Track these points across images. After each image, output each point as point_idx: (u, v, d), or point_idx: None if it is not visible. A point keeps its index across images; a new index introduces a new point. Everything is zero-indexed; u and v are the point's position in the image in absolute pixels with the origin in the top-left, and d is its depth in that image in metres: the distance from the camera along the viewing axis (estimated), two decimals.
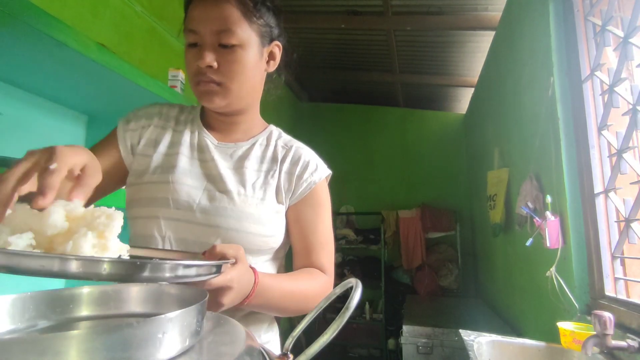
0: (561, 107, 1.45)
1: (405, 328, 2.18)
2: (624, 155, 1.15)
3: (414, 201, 4.03)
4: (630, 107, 1.13)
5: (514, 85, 2.11)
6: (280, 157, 0.79)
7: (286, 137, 0.85)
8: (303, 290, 0.69)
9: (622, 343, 0.94)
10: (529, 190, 1.68)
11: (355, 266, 3.99)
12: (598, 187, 1.29)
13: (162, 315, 0.31)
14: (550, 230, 1.40)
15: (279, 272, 0.80)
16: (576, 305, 1.30)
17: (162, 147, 0.76)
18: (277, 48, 0.78)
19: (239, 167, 0.75)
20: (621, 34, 1.19)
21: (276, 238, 0.74)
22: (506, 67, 2.29)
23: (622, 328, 1.06)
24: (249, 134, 0.81)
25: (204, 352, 0.35)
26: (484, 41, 2.82)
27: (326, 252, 0.78)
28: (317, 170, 0.79)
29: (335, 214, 4.20)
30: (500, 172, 2.29)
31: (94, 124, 1.44)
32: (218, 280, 0.49)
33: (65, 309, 0.45)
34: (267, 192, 0.74)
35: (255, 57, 0.72)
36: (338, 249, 4.07)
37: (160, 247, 0.69)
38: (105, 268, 0.33)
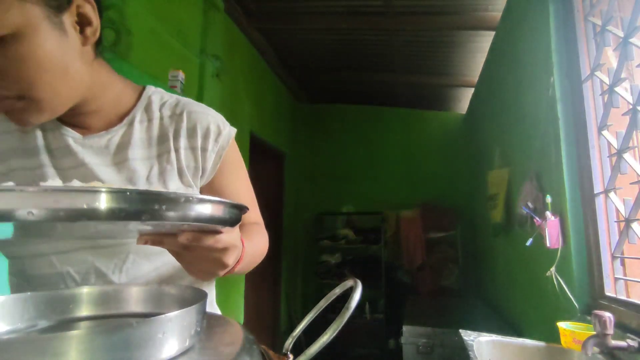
0: (561, 107, 1.45)
1: (405, 328, 2.17)
2: (624, 155, 1.15)
3: (414, 201, 4.03)
4: (630, 107, 1.13)
5: (514, 85, 2.11)
6: (171, 133, 0.63)
7: (171, 100, 0.66)
8: (261, 245, 0.67)
9: (622, 343, 0.94)
10: (529, 190, 1.68)
11: (356, 266, 3.99)
12: (598, 187, 1.29)
13: (162, 315, 0.31)
14: (550, 230, 1.40)
15: None
16: (576, 305, 1.30)
17: (15, 160, 0.57)
18: (87, 5, 0.52)
19: (122, 161, 0.59)
20: (621, 34, 1.19)
21: None
22: (506, 67, 2.29)
23: (622, 328, 1.06)
24: (119, 112, 0.62)
25: (204, 352, 0.35)
26: (484, 41, 2.82)
27: (254, 208, 0.74)
28: (221, 134, 0.66)
29: (336, 213, 4.21)
30: (500, 172, 2.29)
31: None
32: (227, 237, 0.42)
33: (65, 309, 0.45)
34: (168, 181, 0.61)
35: (51, 38, 0.48)
36: (338, 249, 4.07)
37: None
38: (130, 196, 0.28)
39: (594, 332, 0.96)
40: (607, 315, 0.94)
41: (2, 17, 0.43)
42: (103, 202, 0.28)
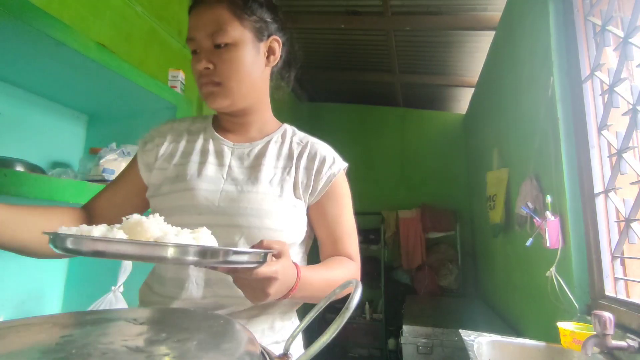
0: (561, 107, 1.45)
1: (405, 328, 2.17)
2: (624, 155, 1.15)
3: (413, 201, 4.03)
4: (630, 107, 1.13)
5: (514, 85, 2.11)
6: (296, 154, 0.80)
7: (301, 134, 0.85)
8: (339, 278, 0.70)
9: (622, 343, 0.94)
10: (529, 191, 1.68)
11: None
12: (598, 187, 1.29)
13: None
14: (550, 230, 1.40)
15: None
16: (576, 305, 1.30)
17: (176, 158, 0.79)
18: (275, 43, 0.79)
19: (255, 166, 0.77)
20: (621, 34, 1.19)
21: (293, 233, 0.75)
22: (506, 67, 2.29)
23: (622, 328, 1.06)
24: (263, 133, 0.83)
25: (205, 352, 0.35)
26: (483, 41, 2.82)
27: (352, 241, 0.80)
28: (334, 164, 0.80)
29: None
30: (499, 172, 2.29)
31: (94, 124, 1.44)
32: (264, 270, 0.52)
33: None
34: (285, 188, 0.75)
35: (251, 53, 0.73)
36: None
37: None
38: (171, 252, 0.41)
39: (594, 332, 0.96)
40: (607, 315, 0.94)
41: (232, 32, 0.71)
42: (168, 252, 0.41)
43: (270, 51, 0.78)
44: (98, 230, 0.43)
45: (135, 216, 0.46)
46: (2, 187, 0.81)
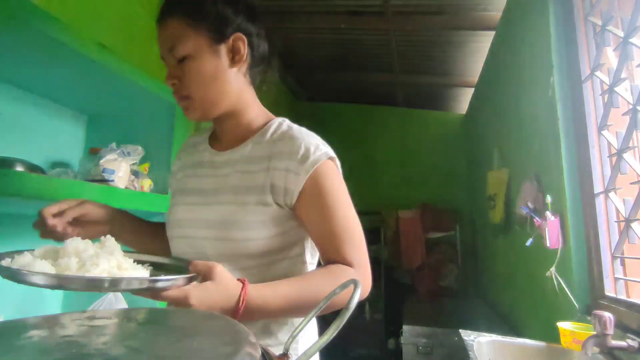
0: (561, 107, 1.44)
1: (405, 328, 2.17)
2: (624, 155, 1.15)
3: (413, 201, 4.03)
4: (630, 107, 1.13)
5: (514, 85, 2.11)
6: (268, 153, 0.71)
7: (284, 128, 0.75)
8: (317, 294, 0.60)
9: (622, 343, 0.94)
10: (529, 190, 1.68)
11: None
12: (598, 187, 1.29)
13: None
14: (550, 230, 1.40)
15: (295, 271, 0.74)
16: (576, 305, 1.30)
17: (179, 173, 0.85)
18: (239, 41, 0.72)
19: (226, 174, 0.75)
20: (621, 34, 1.19)
21: (268, 240, 0.69)
22: (506, 67, 2.29)
23: (622, 328, 1.06)
24: (246, 136, 0.77)
25: (205, 352, 0.35)
26: (484, 41, 2.82)
27: (348, 242, 0.68)
28: (309, 157, 0.69)
29: None
30: (500, 172, 2.29)
31: (93, 124, 1.44)
32: (170, 294, 0.53)
33: None
34: (250, 195, 0.69)
35: (211, 60, 0.70)
36: None
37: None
38: (72, 283, 0.48)
39: (594, 332, 0.96)
40: (607, 315, 0.94)
41: (186, 44, 0.68)
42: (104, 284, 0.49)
43: (234, 51, 0.72)
44: (23, 259, 0.54)
45: (48, 246, 0.57)
46: (2, 187, 0.81)
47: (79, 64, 1.04)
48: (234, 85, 0.74)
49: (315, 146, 0.71)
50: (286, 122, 0.78)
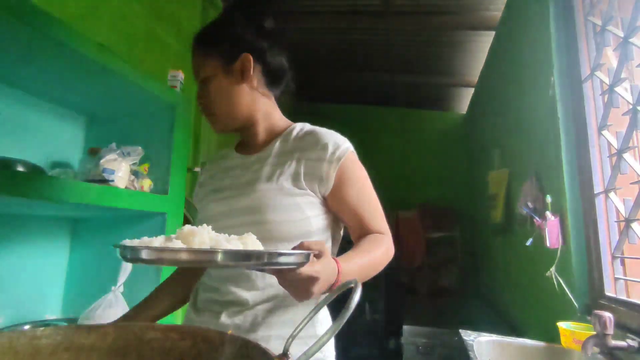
0: (561, 107, 1.44)
1: (405, 328, 2.17)
2: (624, 155, 1.15)
3: (413, 201, 4.03)
4: (630, 107, 1.13)
5: (514, 85, 2.11)
6: (297, 147, 0.82)
7: (308, 128, 0.87)
8: (376, 257, 0.75)
9: (622, 343, 0.94)
10: (529, 190, 1.68)
11: None
12: (598, 187, 1.29)
13: None
14: (550, 230, 1.40)
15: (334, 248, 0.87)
16: (576, 305, 1.30)
17: (209, 186, 0.90)
18: (246, 61, 0.81)
19: (257, 169, 0.82)
20: (621, 34, 1.19)
21: (302, 223, 0.77)
22: (506, 67, 2.29)
23: (622, 328, 1.06)
24: (271, 139, 0.87)
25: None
26: (484, 41, 2.82)
27: (378, 217, 0.83)
28: (338, 148, 0.81)
29: None
30: (500, 172, 2.29)
31: (93, 124, 1.44)
32: (306, 270, 0.55)
33: None
34: (283, 181, 0.79)
35: (224, 80, 0.81)
36: (339, 250, 4.05)
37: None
38: (221, 257, 0.45)
39: (594, 332, 0.96)
40: (607, 315, 0.94)
41: (204, 69, 0.81)
42: (219, 257, 0.46)
43: (243, 69, 0.81)
44: (157, 241, 0.49)
45: (187, 226, 0.53)
46: (2, 187, 0.81)
47: (79, 64, 1.04)
48: (248, 98, 0.83)
49: (342, 140, 0.84)
50: (308, 124, 0.89)
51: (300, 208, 0.77)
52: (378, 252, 0.76)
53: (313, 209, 0.79)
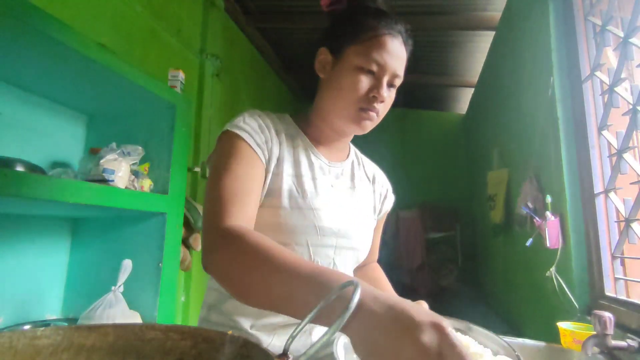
0: (561, 107, 1.44)
1: None
2: (624, 155, 1.15)
3: (413, 201, 4.03)
4: (630, 107, 1.13)
5: (514, 85, 2.11)
6: (371, 177, 0.91)
7: (359, 153, 0.95)
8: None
9: (622, 343, 0.94)
10: (529, 191, 1.68)
11: None
12: (598, 187, 1.29)
13: None
14: (550, 230, 1.40)
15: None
16: (576, 305, 1.30)
17: (287, 166, 0.74)
18: None
19: (352, 187, 0.84)
20: (621, 34, 1.19)
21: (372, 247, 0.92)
22: (506, 67, 2.29)
23: (622, 328, 1.06)
24: (345, 152, 0.88)
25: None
26: (484, 41, 2.82)
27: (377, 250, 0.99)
28: (390, 192, 0.96)
29: None
30: (500, 173, 2.29)
31: (93, 124, 1.44)
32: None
33: None
34: (371, 210, 0.89)
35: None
36: None
37: None
38: None
39: (594, 332, 0.96)
40: (607, 315, 0.94)
41: (402, 67, 0.76)
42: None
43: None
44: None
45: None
46: (2, 187, 0.81)
47: (79, 64, 1.04)
48: None
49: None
50: (351, 145, 0.93)
51: (371, 237, 0.88)
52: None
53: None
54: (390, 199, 0.96)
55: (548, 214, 1.42)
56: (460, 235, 3.82)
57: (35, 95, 1.23)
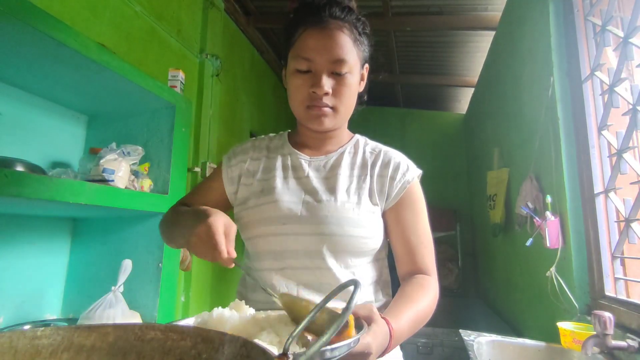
0: (561, 107, 1.45)
1: None
2: (624, 155, 1.15)
3: None
4: (630, 107, 1.13)
5: (514, 85, 2.11)
6: (370, 162, 0.83)
7: (373, 143, 0.89)
8: (424, 310, 0.70)
9: (622, 343, 0.94)
10: (529, 191, 1.68)
11: None
12: (598, 187, 1.29)
13: None
14: (550, 230, 1.40)
15: (381, 273, 0.83)
16: (576, 305, 1.30)
17: (259, 174, 0.84)
18: (365, 70, 0.84)
19: (331, 176, 0.80)
20: (621, 34, 1.19)
21: (375, 239, 0.77)
22: (506, 67, 2.29)
23: (622, 328, 1.06)
24: (337, 145, 0.86)
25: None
26: (484, 41, 2.82)
27: (428, 251, 0.79)
28: (408, 171, 0.82)
29: None
30: (500, 172, 2.29)
31: (93, 124, 1.44)
32: (357, 348, 0.49)
33: None
34: (362, 195, 0.78)
35: (357, 80, 0.79)
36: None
37: (275, 261, 0.77)
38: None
39: (594, 332, 0.96)
40: (607, 315, 0.94)
41: (351, 60, 0.74)
42: None
43: (362, 77, 0.83)
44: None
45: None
46: (2, 187, 0.81)
47: (79, 64, 1.04)
48: (354, 105, 0.83)
49: (411, 163, 0.85)
50: (367, 139, 0.91)
51: (376, 223, 0.77)
52: (426, 301, 0.71)
53: (380, 224, 0.79)
54: (404, 177, 0.81)
55: (548, 214, 1.42)
56: (460, 235, 3.82)
57: (36, 96, 1.23)
